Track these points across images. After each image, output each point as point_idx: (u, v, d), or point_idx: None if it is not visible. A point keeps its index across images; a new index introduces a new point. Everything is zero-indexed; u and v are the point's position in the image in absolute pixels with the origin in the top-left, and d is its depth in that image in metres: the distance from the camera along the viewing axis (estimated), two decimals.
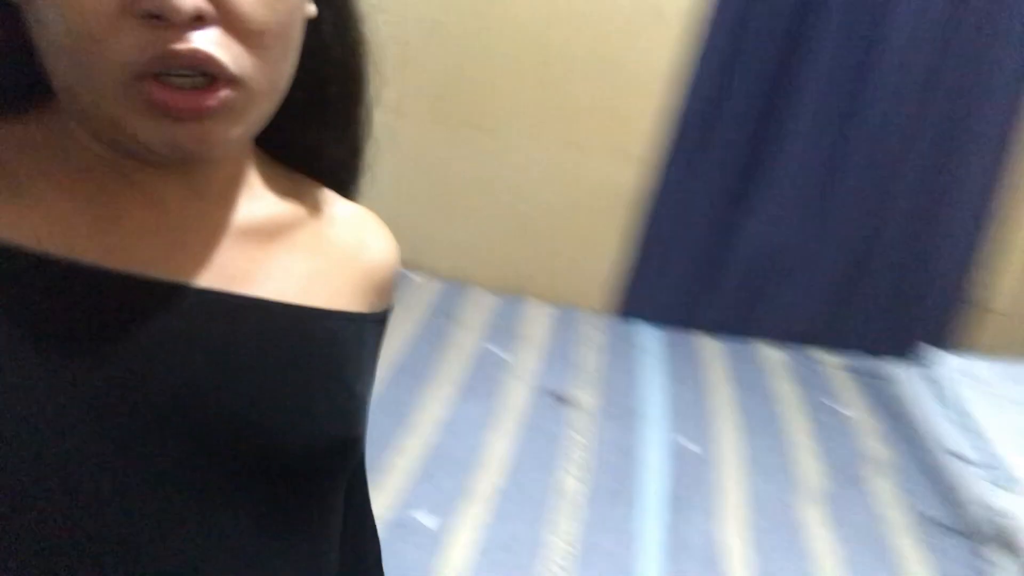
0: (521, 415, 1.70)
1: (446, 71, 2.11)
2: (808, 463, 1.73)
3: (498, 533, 1.30)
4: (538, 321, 2.13)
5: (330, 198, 0.52)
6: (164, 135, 0.38)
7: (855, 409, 1.96)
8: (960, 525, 1.58)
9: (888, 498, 1.65)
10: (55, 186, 0.40)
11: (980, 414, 1.73)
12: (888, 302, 2.13)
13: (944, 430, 1.76)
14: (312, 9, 0.44)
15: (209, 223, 0.44)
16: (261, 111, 0.41)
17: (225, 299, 0.43)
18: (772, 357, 2.14)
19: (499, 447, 1.59)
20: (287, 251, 0.47)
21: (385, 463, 1.47)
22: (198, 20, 0.36)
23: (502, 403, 1.73)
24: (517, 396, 1.76)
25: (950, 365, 1.92)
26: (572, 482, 1.55)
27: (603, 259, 2.26)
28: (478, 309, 2.11)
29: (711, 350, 2.14)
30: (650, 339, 2.15)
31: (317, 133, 0.50)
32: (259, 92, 0.40)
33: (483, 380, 1.80)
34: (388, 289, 0.54)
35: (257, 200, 0.47)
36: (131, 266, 0.40)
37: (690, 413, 1.84)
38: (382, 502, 1.35)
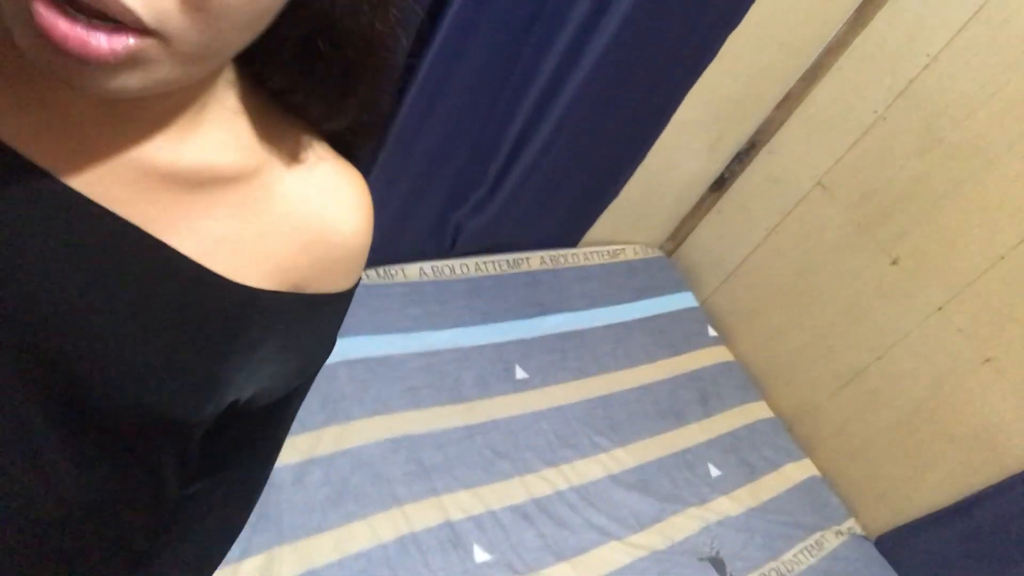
0: None
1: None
2: None
3: None
4: None
5: (308, 155, 0.46)
6: (45, 62, 0.32)
7: None
8: None
9: None
10: None
11: None
12: None
13: None
14: None
15: (121, 155, 0.39)
16: (188, 73, 0.35)
17: (114, 221, 0.39)
18: None
19: None
20: (207, 207, 0.42)
21: None
22: None
23: None
24: None
25: None
26: None
27: None
28: None
29: None
30: None
31: (306, 97, 0.43)
32: (187, 55, 0.33)
33: None
34: (337, 267, 0.48)
35: (192, 143, 0.41)
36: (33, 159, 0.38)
37: None
38: None
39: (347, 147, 0.48)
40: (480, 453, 1.54)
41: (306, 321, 0.49)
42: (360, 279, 0.52)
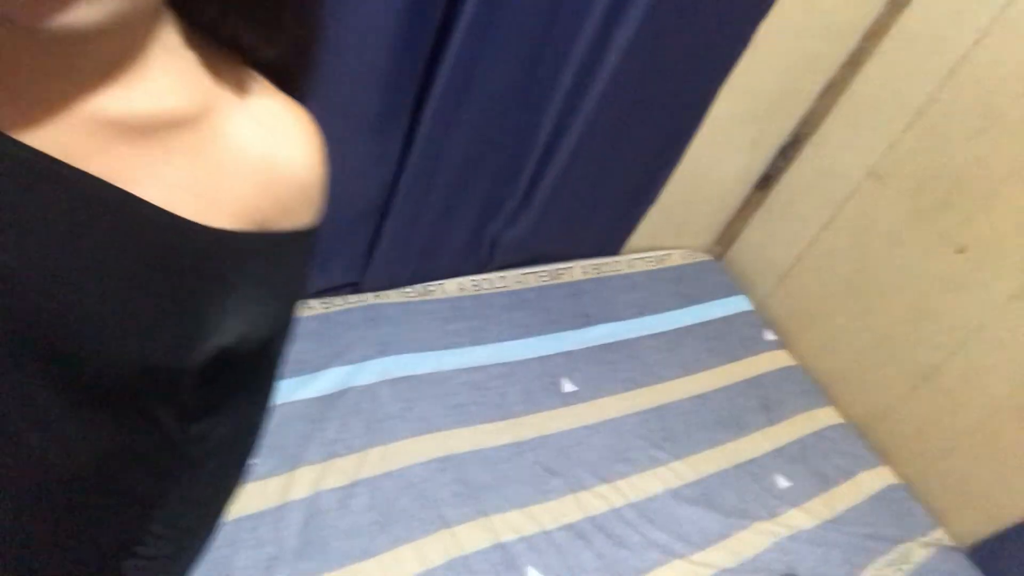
0: None
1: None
2: None
3: None
4: None
5: (254, 93, 0.46)
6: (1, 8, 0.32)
7: None
8: None
9: None
10: None
11: None
12: None
13: None
14: None
15: (75, 110, 0.39)
16: (136, 2, 0.35)
17: (78, 176, 0.39)
18: None
19: None
20: (165, 154, 0.42)
21: None
22: None
23: None
24: None
25: None
26: None
27: None
28: None
29: None
30: None
31: (237, 24, 0.43)
32: None
33: None
34: (297, 204, 0.49)
35: (142, 90, 0.41)
36: None
37: None
38: None
39: (285, 81, 0.48)
40: (530, 470, 1.48)
41: (277, 259, 0.50)
42: (321, 216, 0.53)
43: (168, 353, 0.44)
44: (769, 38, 1.87)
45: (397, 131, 1.45)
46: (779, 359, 2.06)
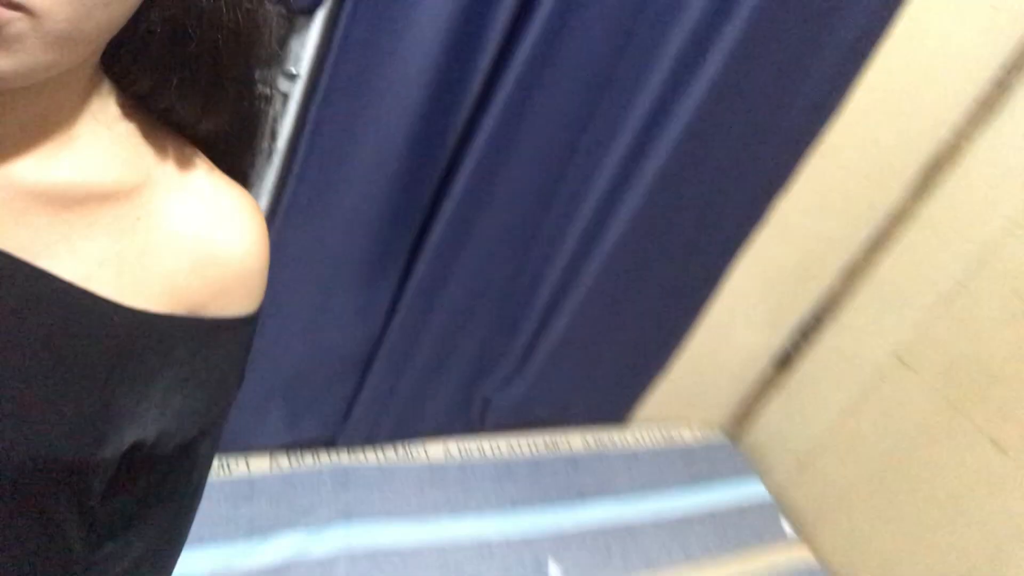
0: None
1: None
2: None
3: None
4: None
5: (193, 171, 0.44)
6: None
7: None
8: None
9: None
10: None
11: None
12: None
13: None
14: None
15: None
16: (59, 57, 0.33)
17: None
18: None
19: None
20: (86, 227, 0.40)
21: None
22: None
23: None
24: None
25: None
26: None
27: None
28: None
29: None
30: None
31: (173, 97, 0.42)
32: (57, 34, 0.32)
33: None
34: (235, 290, 0.46)
35: (66, 158, 0.39)
36: None
37: None
38: None
39: (229, 163, 0.47)
40: None
41: (208, 347, 0.46)
42: (262, 304, 0.49)
43: (71, 444, 0.40)
44: (787, 215, 1.84)
45: (389, 280, 1.41)
46: (797, 554, 1.85)
